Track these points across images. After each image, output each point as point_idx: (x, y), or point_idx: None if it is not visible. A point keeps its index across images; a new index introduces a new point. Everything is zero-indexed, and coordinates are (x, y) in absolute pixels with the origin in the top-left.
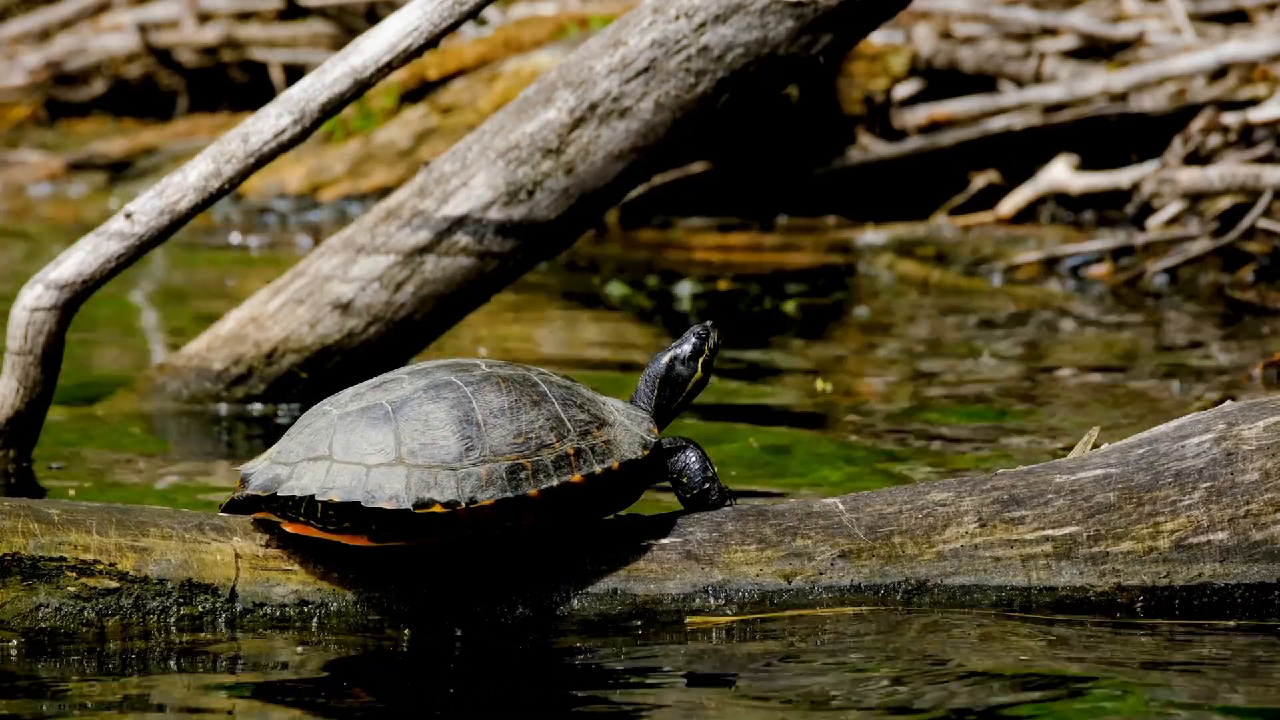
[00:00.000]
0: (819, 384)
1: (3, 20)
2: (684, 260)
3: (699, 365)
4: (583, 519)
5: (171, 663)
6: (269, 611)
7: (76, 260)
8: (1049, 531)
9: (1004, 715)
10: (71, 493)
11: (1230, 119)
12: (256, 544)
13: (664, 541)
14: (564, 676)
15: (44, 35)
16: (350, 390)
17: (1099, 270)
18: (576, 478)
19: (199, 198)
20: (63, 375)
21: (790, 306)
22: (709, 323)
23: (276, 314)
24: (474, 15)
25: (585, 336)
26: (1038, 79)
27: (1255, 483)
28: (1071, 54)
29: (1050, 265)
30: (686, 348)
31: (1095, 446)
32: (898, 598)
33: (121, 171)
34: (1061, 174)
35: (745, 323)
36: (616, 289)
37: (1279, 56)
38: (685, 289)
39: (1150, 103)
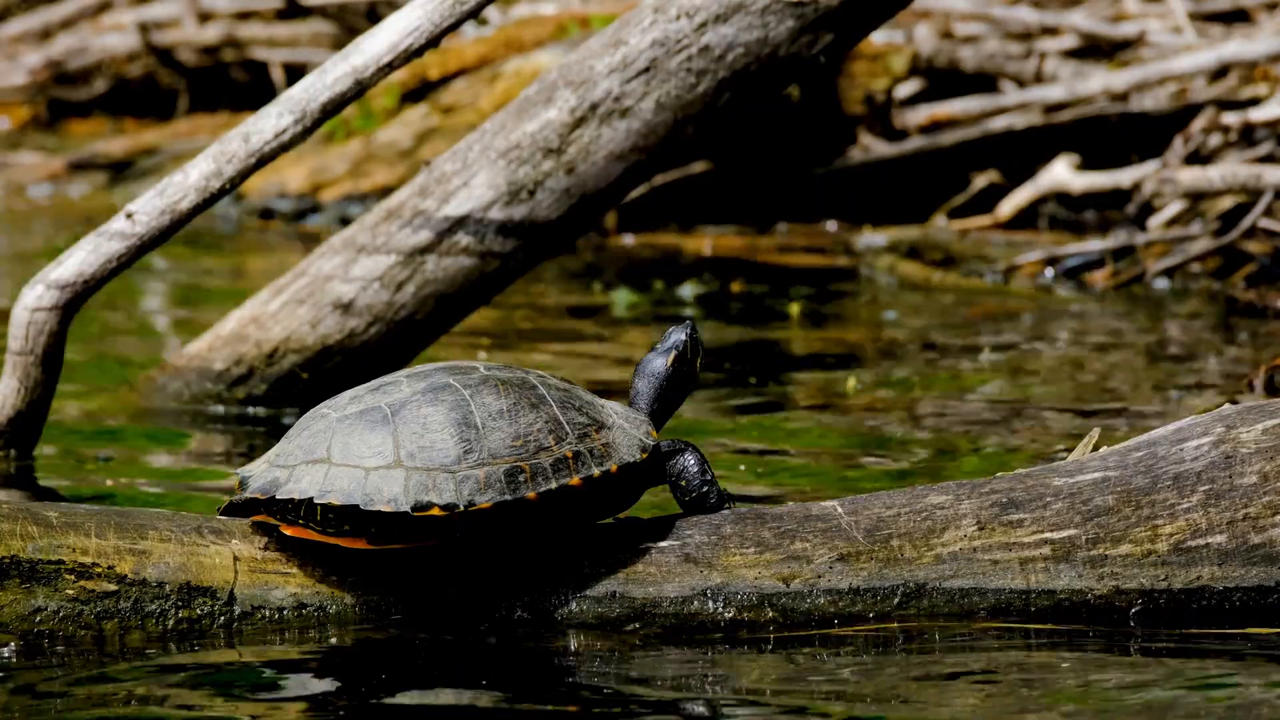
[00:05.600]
0: (850, 382)
1: (3, 20)
2: (685, 261)
3: (696, 364)
4: (581, 521)
5: (170, 665)
6: (267, 614)
7: (77, 260)
8: (1048, 534)
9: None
10: (109, 483)
11: (1231, 119)
12: (255, 547)
13: (662, 544)
14: (563, 679)
15: (45, 35)
16: (349, 393)
17: (1099, 273)
18: (575, 481)
19: (200, 197)
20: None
21: (793, 308)
22: (689, 321)
23: (278, 314)
24: (475, 15)
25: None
26: (1038, 79)
27: (1254, 486)
28: (1072, 53)
29: (1051, 265)
30: (684, 346)
31: (1096, 449)
32: (896, 601)
33: (122, 171)
34: (1062, 174)
35: (752, 322)
36: (624, 297)
37: (1279, 56)
38: (689, 291)
39: (1151, 102)
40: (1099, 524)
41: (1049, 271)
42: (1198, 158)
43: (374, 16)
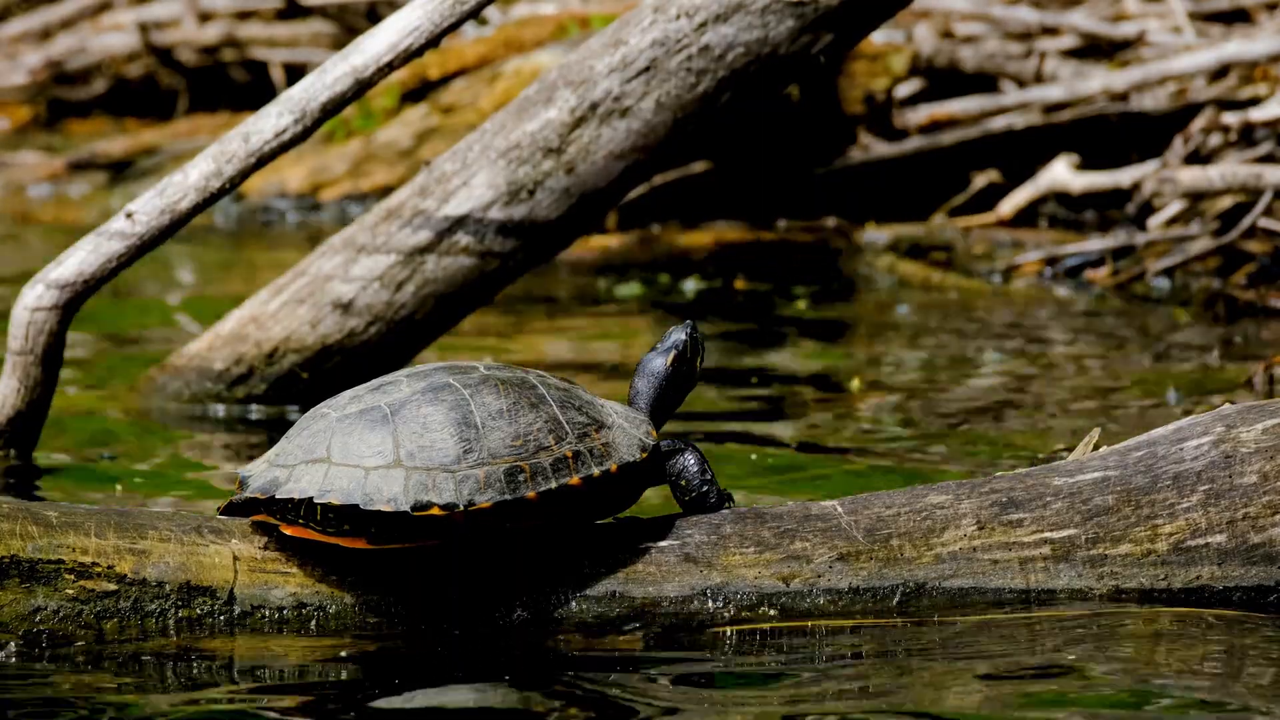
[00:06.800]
0: (853, 381)
1: (3, 20)
2: (686, 259)
3: (696, 364)
4: (581, 521)
5: (170, 665)
6: (267, 614)
7: (77, 260)
8: (1047, 534)
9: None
10: (118, 488)
11: (1231, 118)
12: (255, 546)
13: (662, 544)
14: (562, 679)
15: (45, 35)
16: (349, 393)
17: (1099, 272)
18: (575, 480)
19: (200, 197)
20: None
21: (794, 307)
22: (689, 321)
23: (277, 313)
24: (475, 15)
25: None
26: (1038, 78)
27: (1253, 485)
28: (1072, 53)
29: (1051, 265)
30: (684, 346)
31: (1096, 449)
32: (895, 600)
33: (122, 171)
34: (1062, 173)
35: (753, 320)
36: (626, 289)
37: (1279, 56)
38: (690, 286)
39: (1151, 102)
40: (1099, 524)
41: (1049, 271)
42: (1198, 157)
43: (374, 16)
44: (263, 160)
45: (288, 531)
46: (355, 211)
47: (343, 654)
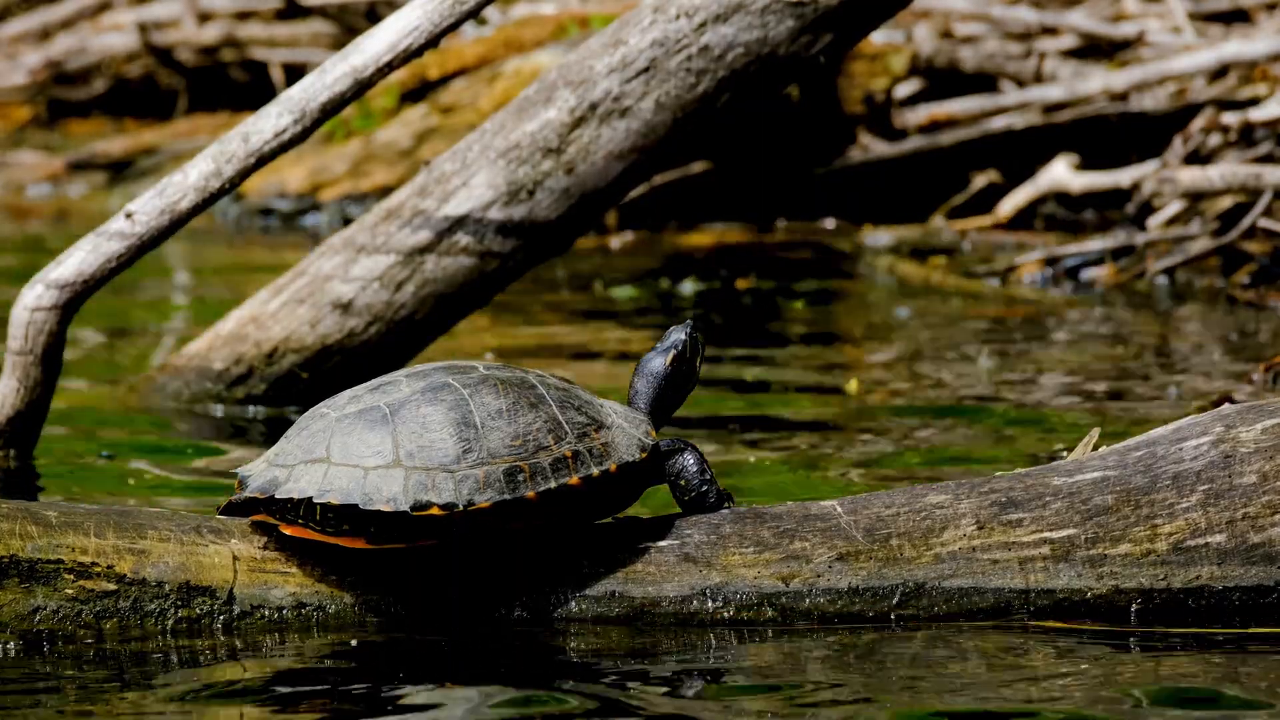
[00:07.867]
0: (853, 383)
1: (3, 20)
2: (685, 261)
3: (696, 363)
4: (580, 521)
5: (169, 665)
6: (266, 614)
7: (77, 260)
8: (1047, 534)
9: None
10: (132, 481)
11: (1230, 118)
12: (254, 546)
13: (661, 544)
14: (562, 679)
15: (44, 35)
16: (348, 392)
17: (1099, 272)
18: (574, 480)
19: (199, 197)
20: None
21: (794, 307)
22: (689, 321)
23: (277, 313)
24: (474, 15)
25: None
26: (1038, 78)
27: (1253, 485)
28: (1072, 53)
29: (1050, 265)
30: (683, 346)
31: (1095, 448)
32: (895, 600)
33: (122, 171)
34: (1062, 173)
35: (752, 321)
36: (624, 292)
37: (1279, 56)
38: (689, 288)
39: (1151, 102)
40: (1098, 523)
41: (1049, 271)
42: (1197, 157)
43: (374, 16)
44: (262, 160)
45: (287, 531)
46: (355, 211)
47: (342, 654)
